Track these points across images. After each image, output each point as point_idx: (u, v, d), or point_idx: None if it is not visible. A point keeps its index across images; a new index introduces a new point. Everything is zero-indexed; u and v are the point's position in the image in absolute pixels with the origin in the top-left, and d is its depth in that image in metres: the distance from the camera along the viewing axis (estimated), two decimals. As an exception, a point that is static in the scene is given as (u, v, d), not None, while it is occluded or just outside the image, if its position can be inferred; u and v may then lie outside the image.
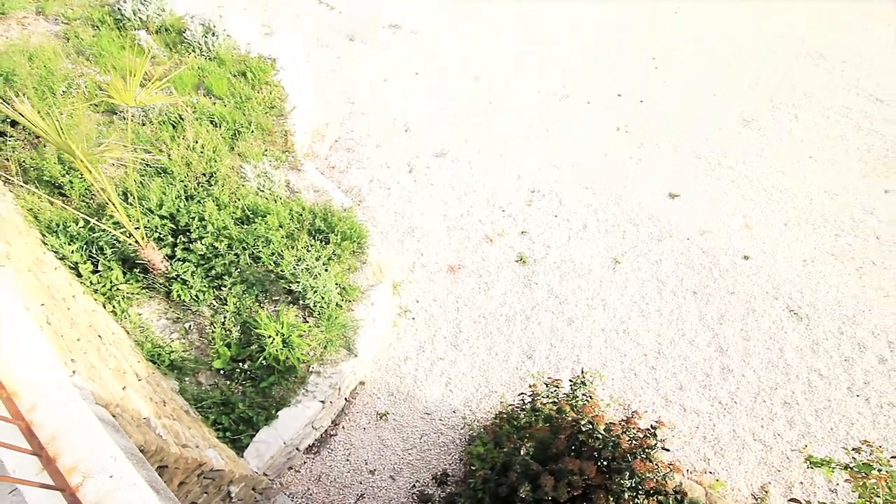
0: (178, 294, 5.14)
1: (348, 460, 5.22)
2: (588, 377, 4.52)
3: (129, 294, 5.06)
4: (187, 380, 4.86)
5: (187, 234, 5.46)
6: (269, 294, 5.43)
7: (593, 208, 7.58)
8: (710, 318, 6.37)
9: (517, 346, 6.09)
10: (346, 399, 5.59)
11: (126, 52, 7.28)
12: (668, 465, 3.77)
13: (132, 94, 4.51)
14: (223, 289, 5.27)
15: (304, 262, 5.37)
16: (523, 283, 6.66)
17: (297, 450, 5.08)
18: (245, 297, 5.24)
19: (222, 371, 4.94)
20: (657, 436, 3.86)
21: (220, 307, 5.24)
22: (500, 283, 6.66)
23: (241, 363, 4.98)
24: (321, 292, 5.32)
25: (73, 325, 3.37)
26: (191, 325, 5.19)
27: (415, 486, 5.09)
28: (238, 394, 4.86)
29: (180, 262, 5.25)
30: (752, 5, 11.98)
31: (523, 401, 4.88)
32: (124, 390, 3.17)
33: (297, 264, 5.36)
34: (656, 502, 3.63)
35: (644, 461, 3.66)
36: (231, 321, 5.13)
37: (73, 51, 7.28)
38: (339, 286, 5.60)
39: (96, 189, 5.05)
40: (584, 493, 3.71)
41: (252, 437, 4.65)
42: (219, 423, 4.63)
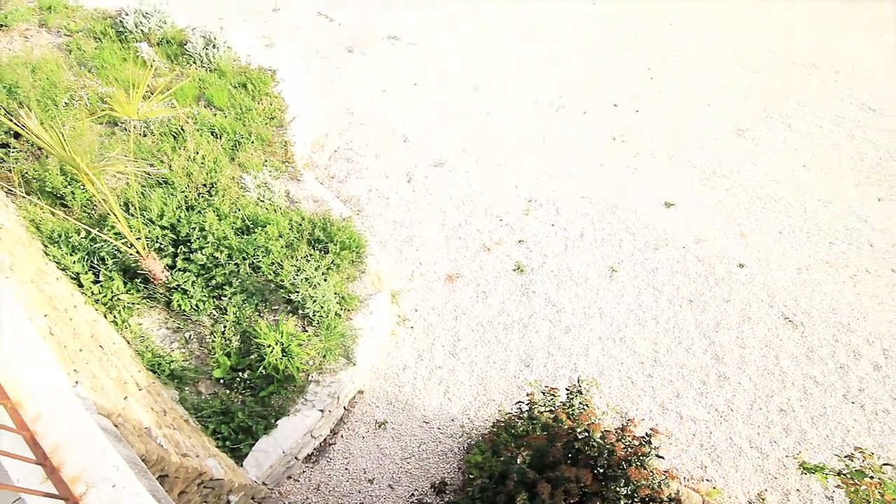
0: (179, 304, 5.18)
1: (347, 469, 5.24)
2: (584, 385, 4.56)
3: (129, 304, 5.10)
4: (187, 389, 4.89)
5: (188, 244, 5.51)
6: (268, 304, 5.47)
7: (590, 217, 7.65)
8: (706, 326, 6.42)
9: (515, 354, 6.12)
10: (344, 408, 5.61)
11: (128, 64, 7.38)
12: (664, 472, 3.81)
13: (135, 107, 4.58)
14: (223, 298, 5.31)
15: (303, 271, 5.42)
16: (521, 291, 6.71)
17: (296, 459, 5.10)
18: (245, 306, 5.29)
19: (222, 380, 4.97)
20: (652, 443, 3.90)
21: (221, 317, 5.28)
22: (497, 291, 6.71)
23: (240, 372, 5.02)
24: (320, 302, 5.36)
25: (75, 336, 3.41)
26: (191, 335, 5.23)
27: (413, 495, 5.10)
28: (238, 403, 4.89)
29: (181, 272, 5.30)
30: (752, 6, 12.20)
31: (521, 409, 4.90)
32: (126, 400, 3.21)
33: (296, 274, 5.40)
34: (652, 509, 3.67)
35: (639, 469, 3.70)
36: (231, 331, 5.17)
37: (75, 63, 7.37)
38: (338, 295, 5.65)
39: (98, 200, 5.10)
40: (580, 501, 3.74)
41: (251, 446, 4.67)
42: (218, 433, 4.65)
